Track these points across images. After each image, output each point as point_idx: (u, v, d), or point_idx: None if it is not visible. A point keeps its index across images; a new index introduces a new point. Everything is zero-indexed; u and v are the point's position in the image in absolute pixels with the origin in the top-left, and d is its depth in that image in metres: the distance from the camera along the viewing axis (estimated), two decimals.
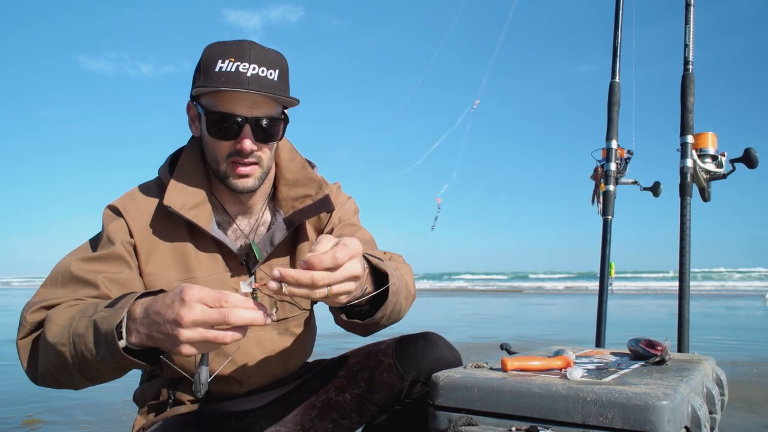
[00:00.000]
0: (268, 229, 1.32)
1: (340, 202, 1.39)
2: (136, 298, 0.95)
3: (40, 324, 1.09)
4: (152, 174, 1.33)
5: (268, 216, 1.34)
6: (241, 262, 1.27)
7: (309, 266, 0.85)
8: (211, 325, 0.85)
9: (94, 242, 1.23)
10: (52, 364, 1.04)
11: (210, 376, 0.95)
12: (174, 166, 1.28)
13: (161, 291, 0.96)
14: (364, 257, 1.02)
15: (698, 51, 2.32)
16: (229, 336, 0.86)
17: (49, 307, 1.10)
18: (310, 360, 1.48)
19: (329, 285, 0.86)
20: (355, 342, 1.39)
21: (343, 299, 0.92)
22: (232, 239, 1.29)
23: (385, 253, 1.35)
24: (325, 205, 1.31)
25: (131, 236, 1.21)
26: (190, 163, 1.27)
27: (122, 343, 0.92)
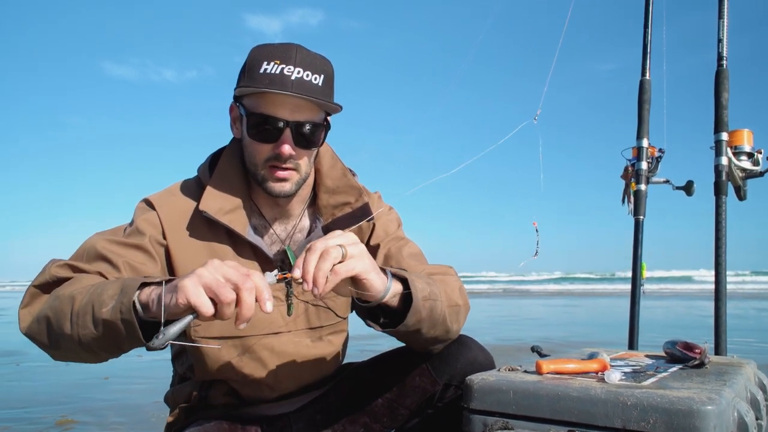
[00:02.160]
0: (307, 236, 1.32)
1: (382, 213, 1.37)
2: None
3: (61, 281, 1.08)
4: (174, 176, 1.33)
5: (306, 222, 1.33)
6: (277, 268, 1.27)
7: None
8: (227, 280, 0.86)
9: (123, 230, 1.22)
10: (53, 311, 1.01)
11: (181, 339, 0.90)
12: (213, 166, 1.27)
13: None
14: (384, 269, 1.06)
15: (733, 43, 2.26)
16: (230, 310, 0.86)
17: (75, 269, 1.10)
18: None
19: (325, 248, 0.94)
20: (380, 344, 1.38)
21: (357, 265, 0.96)
22: (268, 244, 1.28)
23: (432, 267, 1.31)
24: (364, 213, 1.29)
25: (164, 235, 1.21)
26: (229, 166, 1.26)
27: (136, 293, 0.92)
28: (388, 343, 1.21)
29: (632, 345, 2.30)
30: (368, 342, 5.22)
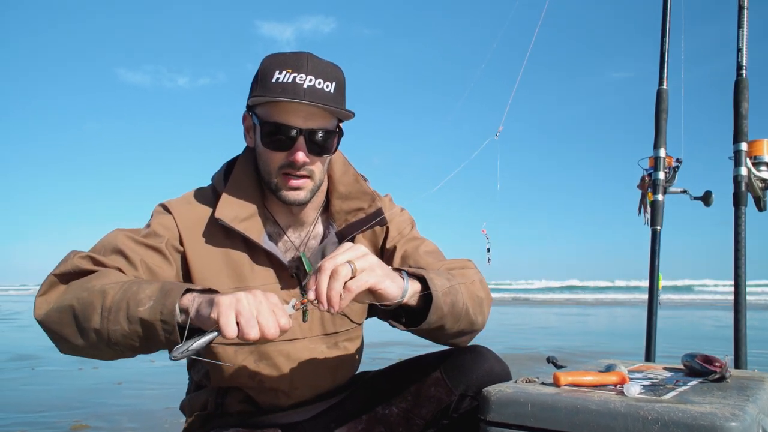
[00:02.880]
0: (321, 242, 1.32)
1: (394, 215, 1.38)
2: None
3: (82, 272, 1.09)
4: (185, 180, 1.35)
5: (320, 229, 1.34)
6: (292, 275, 1.28)
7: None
8: (259, 314, 0.92)
9: (142, 230, 1.23)
10: (79, 301, 1.01)
11: (188, 350, 0.92)
12: (228, 175, 1.28)
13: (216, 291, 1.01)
14: (400, 269, 1.09)
15: (751, 51, 2.23)
16: (256, 330, 0.91)
17: (97, 262, 1.11)
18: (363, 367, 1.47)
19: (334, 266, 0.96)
20: (392, 351, 1.38)
21: (369, 278, 0.98)
22: (282, 251, 1.29)
23: (451, 261, 1.33)
24: (378, 218, 1.30)
25: (180, 242, 1.22)
26: (243, 174, 1.27)
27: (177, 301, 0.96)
28: (399, 350, 1.21)
29: (649, 357, 2.27)
30: (380, 350, 5.21)
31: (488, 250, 1.18)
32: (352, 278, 0.97)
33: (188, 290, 0.99)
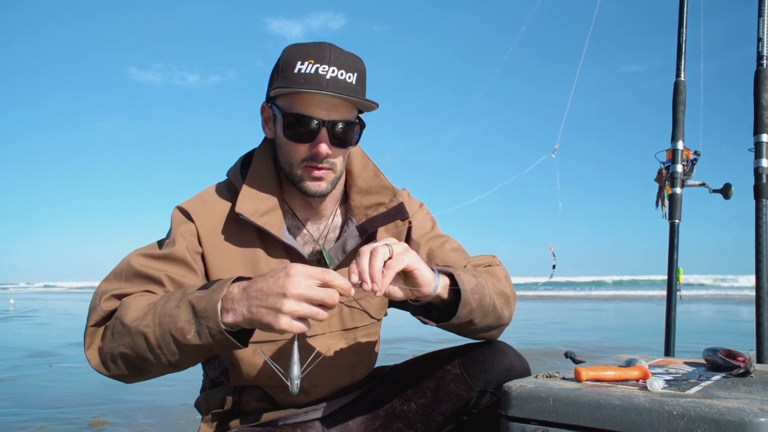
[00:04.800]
0: (339, 235, 1.31)
1: (414, 209, 1.38)
2: (232, 282, 1.01)
3: (113, 312, 1.10)
4: (195, 177, 1.34)
5: (338, 221, 1.33)
6: None
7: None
8: (313, 302, 0.93)
9: (161, 242, 1.23)
10: (128, 347, 1.04)
11: (301, 372, 0.99)
12: (245, 169, 1.28)
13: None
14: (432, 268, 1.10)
15: None
16: (323, 313, 0.94)
17: (119, 296, 1.12)
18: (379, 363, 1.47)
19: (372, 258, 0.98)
20: (404, 347, 1.38)
21: (406, 258, 1.02)
22: (301, 244, 1.28)
23: (476, 258, 1.36)
24: (399, 212, 1.29)
25: (200, 243, 1.21)
26: (262, 167, 1.26)
27: (219, 315, 0.97)
28: (412, 346, 1.21)
29: (668, 351, 2.25)
30: (392, 346, 5.21)
31: (553, 267, 1.24)
32: (389, 259, 1.01)
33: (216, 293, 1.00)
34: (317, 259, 1.28)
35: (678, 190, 2.33)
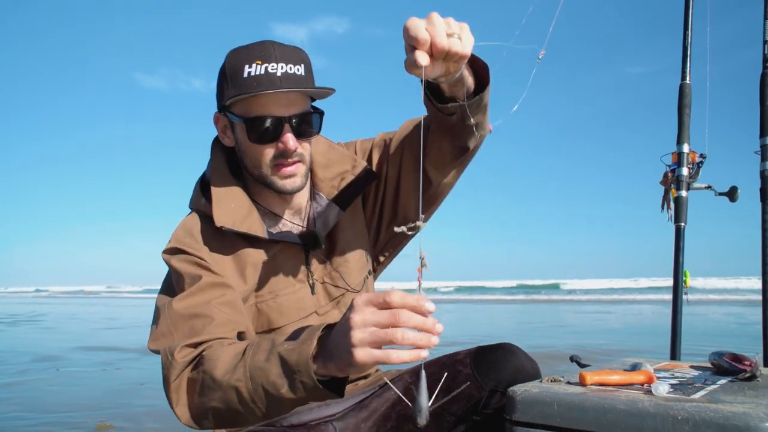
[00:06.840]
0: (318, 215, 1.33)
1: (357, 148, 1.40)
2: (321, 330, 0.95)
3: (191, 362, 1.08)
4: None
5: (316, 206, 1.35)
6: (306, 255, 1.30)
7: None
8: (382, 326, 0.85)
9: (178, 286, 1.19)
10: (221, 401, 1.02)
11: (429, 400, 0.92)
12: (206, 191, 1.26)
13: None
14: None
15: None
16: (399, 334, 0.84)
17: (193, 345, 1.09)
18: (382, 368, 1.46)
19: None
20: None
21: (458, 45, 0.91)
22: (288, 236, 1.30)
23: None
24: (369, 175, 1.32)
25: (207, 265, 1.20)
26: (222, 181, 1.25)
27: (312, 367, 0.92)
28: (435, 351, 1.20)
29: (674, 355, 2.24)
30: None
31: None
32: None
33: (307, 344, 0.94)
34: (312, 242, 1.29)
35: (684, 193, 2.32)
